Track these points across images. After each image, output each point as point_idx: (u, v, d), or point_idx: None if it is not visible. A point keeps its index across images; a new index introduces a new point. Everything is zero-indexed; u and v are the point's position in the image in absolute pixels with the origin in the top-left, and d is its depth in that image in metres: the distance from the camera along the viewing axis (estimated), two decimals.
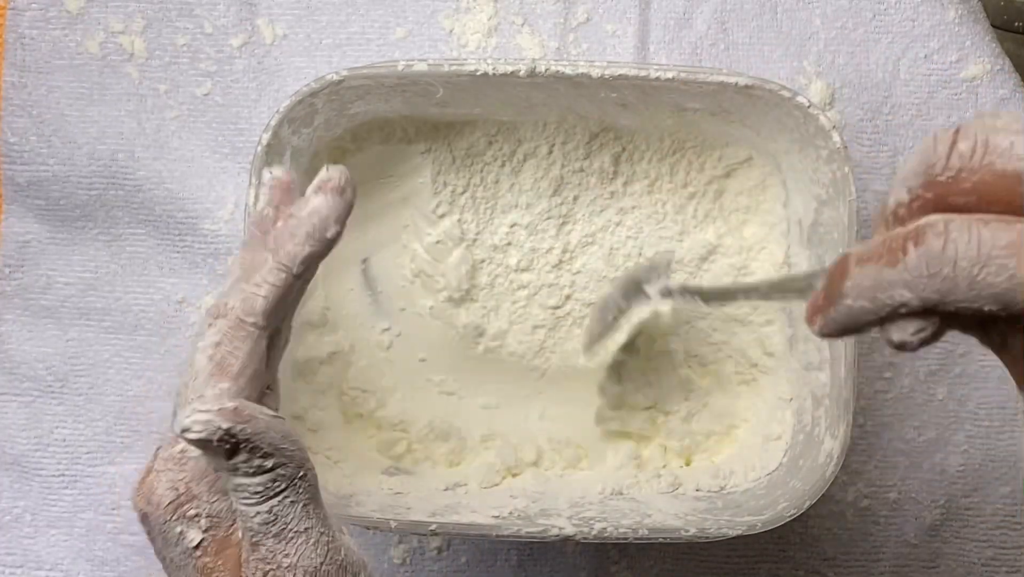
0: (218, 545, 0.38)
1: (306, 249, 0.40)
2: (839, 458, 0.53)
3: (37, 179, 0.63)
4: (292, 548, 0.37)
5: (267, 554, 0.37)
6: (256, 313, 0.40)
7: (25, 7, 0.63)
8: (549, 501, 0.57)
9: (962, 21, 0.63)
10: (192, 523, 0.38)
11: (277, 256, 0.40)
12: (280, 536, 0.37)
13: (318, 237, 0.41)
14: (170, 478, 0.38)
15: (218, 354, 0.39)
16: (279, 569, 0.37)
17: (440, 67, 0.53)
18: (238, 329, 0.39)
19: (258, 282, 0.40)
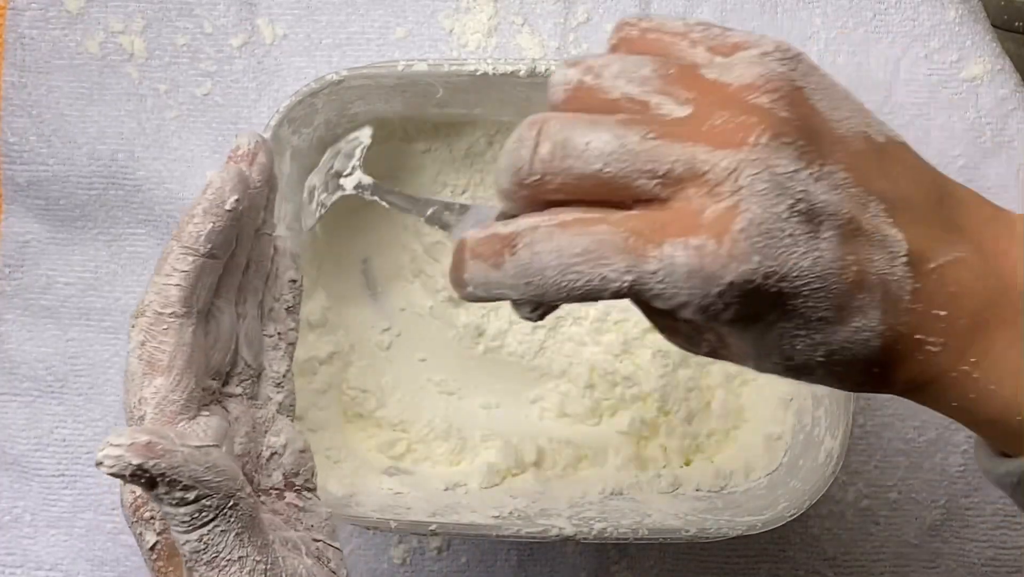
0: (169, 550, 0.38)
1: (207, 225, 0.39)
2: (839, 458, 0.53)
3: (37, 179, 0.63)
4: (225, 576, 0.37)
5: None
6: (172, 303, 0.39)
7: (25, 7, 0.63)
8: (549, 501, 0.57)
9: (962, 21, 0.63)
10: (148, 525, 0.38)
11: (180, 240, 0.39)
12: (212, 564, 0.36)
13: (216, 211, 0.39)
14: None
15: (145, 353, 0.39)
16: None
17: (440, 67, 0.53)
18: (158, 324, 0.39)
19: (168, 272, 0.39)
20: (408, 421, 0.61)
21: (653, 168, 0.30)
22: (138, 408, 0.38)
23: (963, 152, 0.63)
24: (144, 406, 0.38)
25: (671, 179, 0.30)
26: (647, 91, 0.32)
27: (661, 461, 0.60)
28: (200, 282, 0.39)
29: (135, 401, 0.38)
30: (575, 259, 0.31)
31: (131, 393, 0.38)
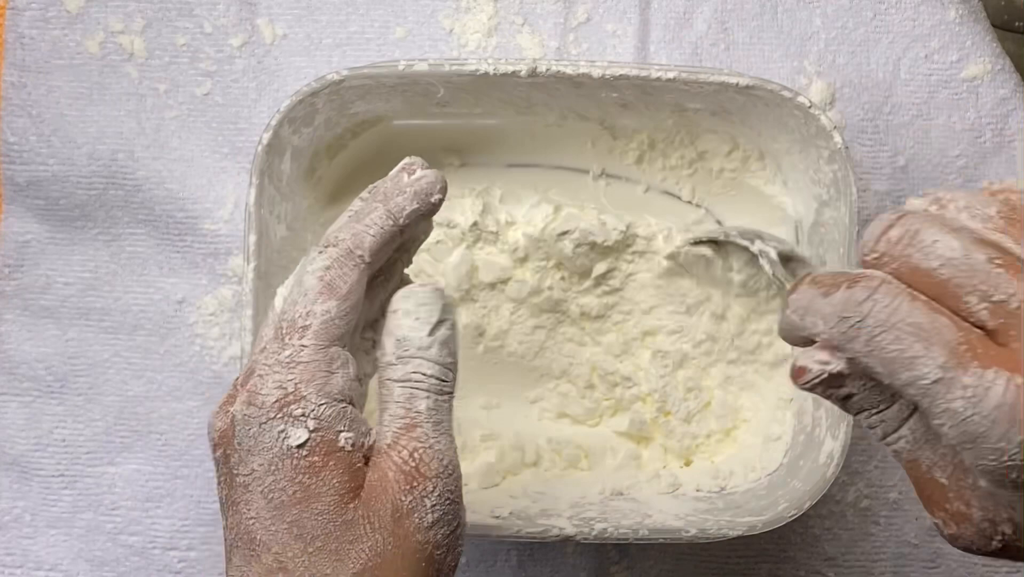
0: (327, 447, 0.39)
1: (414, 204, 0.44)
2: (839, 458, 0.53)
3: (37, 179, 0.63)
4: (445, 440, 0.41)
5: (421, 435, 0.40)
6: (364, 248, 0.42)
7: (25, 7, 0.63)
8: (549, 501, 0.57)
9: (962, 21, 0.63)
10: (298, 422, 0.39)
11: (387, 205, 0.44)
12: (437, 427, 0.40)
13: (423, 198, 0.44)
14: (277, 379, 0.40)
15: (327, 276, 0.41)
16: (430, 449, 0.40)
17: (441, 67, 0.53)
18: (347, 258, 0.42)
19: (368, 223, 0.43)
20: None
21: (988, 291, 0.31)
22: (304, 319, 0.41)
23: (963, 152, 0.63)
24: (312, 319, 0.41)
25: (1002, 310, 0.31)
26: (989, 228, 0.33)
27: (661, 461, 0.60)
28: (387, 246, 0.43)
29: (303, 312, 0.41)
30: (904, 325, 0.32)
31: (300, 305, 0.41)
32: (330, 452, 0.39)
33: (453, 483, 0.40)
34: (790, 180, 0.59)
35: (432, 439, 0.40)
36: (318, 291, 0.41)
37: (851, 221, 0.53)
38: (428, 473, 0.40)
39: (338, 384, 0.40)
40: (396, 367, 0.41)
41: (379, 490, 0.39)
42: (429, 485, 0.40)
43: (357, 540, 0.39)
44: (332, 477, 0.39)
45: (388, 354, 0.41)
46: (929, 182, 0.63)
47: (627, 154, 0.61)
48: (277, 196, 0.55)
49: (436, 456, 0.40)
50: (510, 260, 0.60)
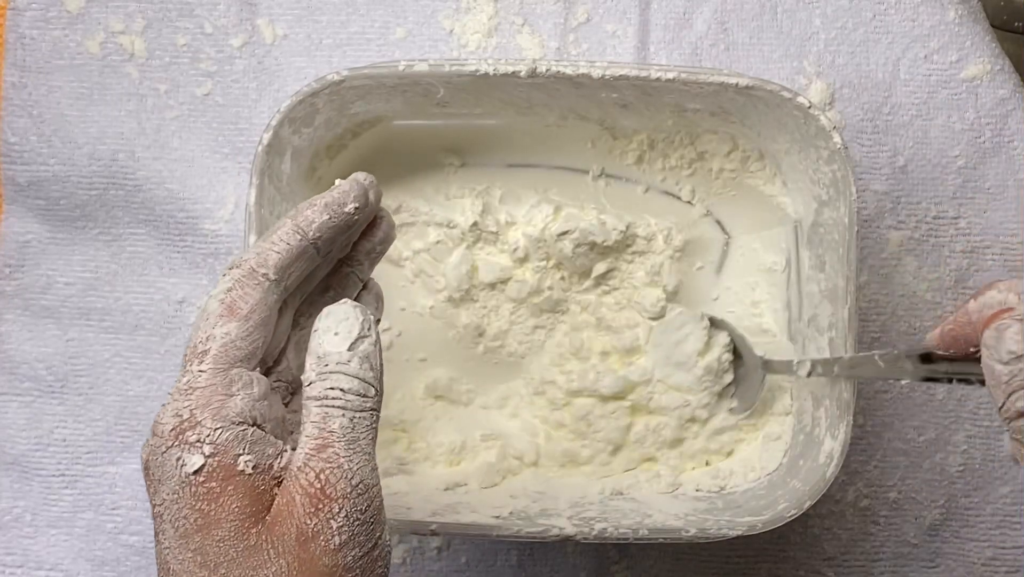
0: (224, 472, 0.38)
1: (323, 216, 0.43)
2: (839, 458, 0.53)
3: (37, 179, 0.63)
4: (359, 459, 0.39)
5: (332, 455, 0.38)
6: (268, 265, 0.42)
7: (25, 7, 0.63)
8: (549, 501, 0.57)
9: (962, 21, 0.63)
10: (193, 448, 0.38)
11: (296, 220, 0.43)
12: (351, 446, 0.39)
13: (335, 208, 0.43)
14: (175, 407, 0.39)
15: (228, 298, 0.41)
16: (339, 469, 0.38)
17: (441, 67, 0.53)
18: (249, 278, 0.42)
19: (274, 240, 0.42)
20: (408, 421, 0.61)
21: None
22: (204, 343, 0.40)
23: (962, 152, 0.63)
24: (211, 343, 0.40)
25: None
26: None
27: (661, 461, 0.60)
28: (297, 263, 0.43)
29: (203, 337, 0.40)
30: None
31: (201, 330, 0.40)
32: (228, 476, 0.38)
33: (365, 503, 0.39)
34: (789, 180, 0.59)
35: (343, 458, 0.38)
36: (218, 314, 0.41)
37: (850, 221, 0.53)
38: (334, 494, 0.38)
39: (237, 406, 0.39)
40: (315, 385, 0.39)
41: (285, 514, 0.38)
42: (335, 506, 0.38)
43: (261, 566, 0.38)
44: (232, 502, 0.38)
45: (308, 372, 0.40)
46: (928, 182, 0.63)
47: (627, 154, 0.61)
48: (277, 196, 0.55)
49: (344, 476, 0.38)
50: (510, 260, 0.60)
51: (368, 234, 0.47)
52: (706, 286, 0.62)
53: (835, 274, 0.54)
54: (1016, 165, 0.63)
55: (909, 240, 0.63)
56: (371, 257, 0.48)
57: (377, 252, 0.48)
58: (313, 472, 0.38)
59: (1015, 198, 0.63)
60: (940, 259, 0.63)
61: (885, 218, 0.63)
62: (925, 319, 0.63)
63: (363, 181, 0.45)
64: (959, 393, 0.63)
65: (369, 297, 0.49)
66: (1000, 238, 0.63)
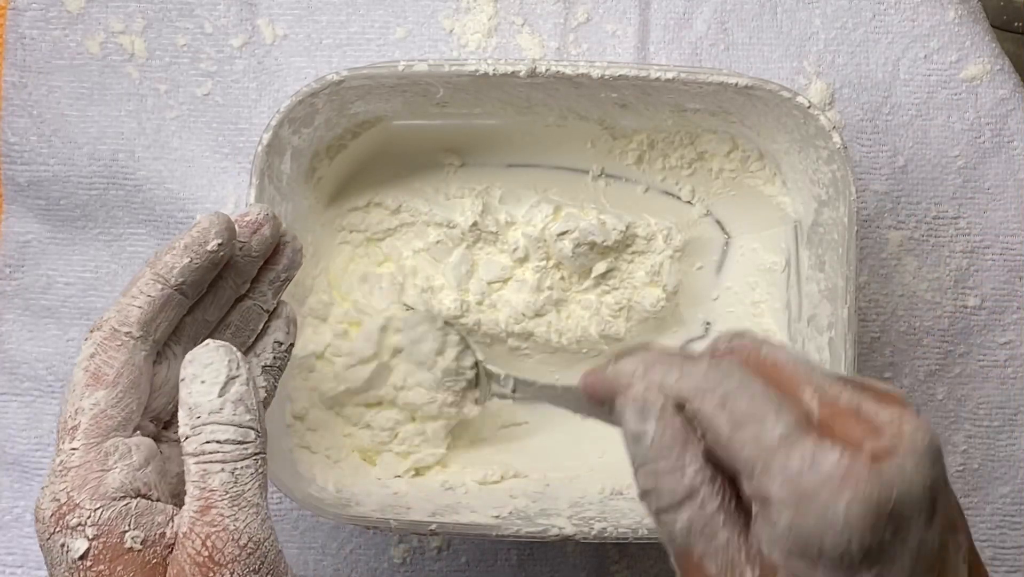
0: (111, 552, 0.37)
1: (183, 259, 0.41)
2: None
3: (37, 179, 0.63)
4: (243, 515, 0.37)
5: (216, 517, 0.37)
6: (130, 323, 0.40)
7: (25, 7, 0.63)
8: (549, 501, 0.57)
9: (962, 21, 0.63)
10: (76, 533, 0.37)
11: (154, 268, 0.41)
12: (235, 502, 0.37)
13: (196, 248, 0.41)
14: (51, 490, 0.38)
15: (92, 365, 0.39)
16: (224, 532, 0.37)
17: (440, 67, 0.53)
18: (112, 339, 0.40)
19: (134, 293, 0.40)
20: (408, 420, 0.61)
21: (822, 386, 0.34)
22: (73, 418, 0.38)
23: (962, 152, 0.63)
24: (80, 416, 0.38)
25: (831, 405, 0.34)
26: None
27: None
28: (163, 313, 0.41)
29: (71, 411, 0.38)
30: (758, 390, 0.34)
31: (69, 403, 0.39)
32: (116, 556, 0.37)
33: (258, 561, 0.37)
34: (789, 180, 0.59)
35: (227, 519, 0.37)
36: (84, 384, 0.39)
37: (850, 221, 0.53)
38: (222, 560, 0.36)
39: (116, 481, 0.38)
40: (190, 440, 0.37)
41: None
42: (225, 572, 0.36)
43: None
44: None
45: (182, 427, 0.38)
46: (928, 182, 0.63)
47: (627, 154, 0.61)
48: (277, 196, 0.55)
49: (231, 537, 0.36)
50: (510, 260, 0.60)
51: (271, 262, 0.45)
52: (706, 286, 0.62)
53: (835, 274, 0.54)
54: (1016, 165, 0.63)
55: (909, 240, 0.63)
56: (275, 286, 0.46)
57: (282, 280, 0.46)
58: (199, 539, 0.37)
59: (1015, 198, 0.63)
60: (940, 259, 0.63)
61: (885, 218, 0.63)
62: (925, 319, 0.63)
63: (250, 216, 0.43)
64: (959, 393, 0.63)
65: (279, 323, 0.47)
66: (1000, 238, 0.63)
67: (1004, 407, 0.63)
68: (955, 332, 0.63)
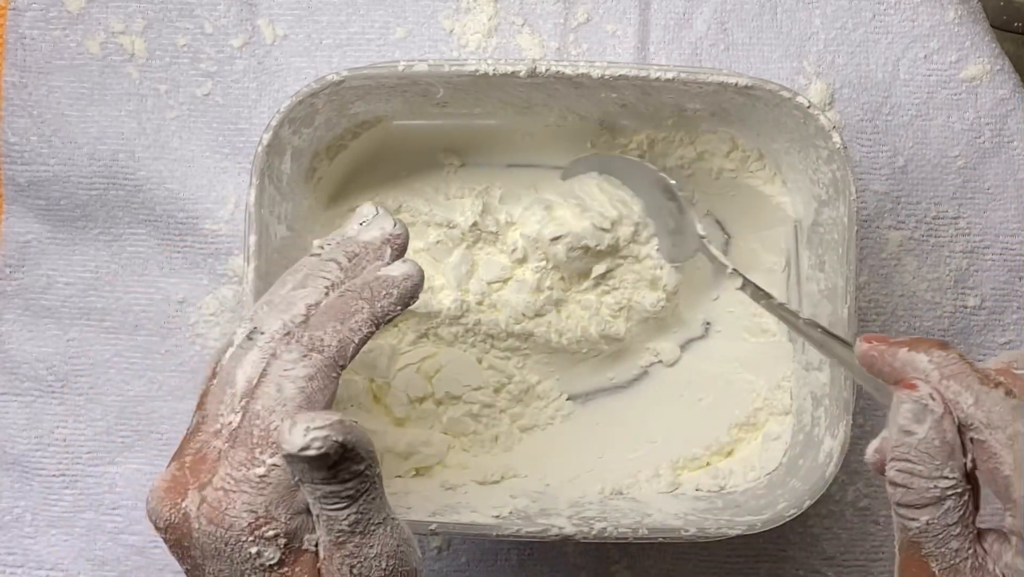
0: (295, 556, 0.39)
1: (396, 309, 0.43)
2: (839, 458, 0.53)
3: (38, 179, 0.63)
4: (375, 540, 0.39)
5: (353, 550, 0.39)
6: (346, 357, 0.41)
7: (26, 7, 0.63)
8: (549, 501, 0.57)
9: (962, 21, 0.63)
10: (270, 543, 0.39)
11: (374, 308, 0.42)
12: (364, 532, 0.39)
13: (406, 302, 0.43)
14: (247, 501, 0.39)
15: (309, 388, 0.40)
16: (366, 560, 0.39)
17: (440, 67, 0.53)
18: (331, 369, 0.40)
19: (354, 328, 0.41)
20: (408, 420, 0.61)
21: None
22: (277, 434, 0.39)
23: (962, 152, 0.63)
24: (315, 422, 0.39)
25: None
26: None
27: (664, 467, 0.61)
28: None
29: (276, 423, 0.39)
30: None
31: (276, 415, 0.39)
32: (296, 559, 0.40)
33: (400, 569, 0.40)
34: (789, 180, 0.59)
35: (367, 548, 0.39)
36: (297, 404, 0.39)
37: (850, 221, 0.53)
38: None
39: (303, 496, 0.39)
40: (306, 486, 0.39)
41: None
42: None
43: None
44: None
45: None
46: (928, 182, 0.63)
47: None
48: (277, 196, 0.55)
49: (374, 564, 0.39)
50: (510, 260, 0.60)
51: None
52: (706, 286, 0.62)
53: (835, 274, 0.54)
54: (1016, 165, 0.63)
55: (909, 240, 0.63)
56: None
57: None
58: (346, 567, 0.39)
59: (1015, 198, 0.63)
60: (940, 259, 0.63)
61: (885, 218, 0.63)
62: (925, 319, 0.63)
63: (418, 268, 0.44)
64: None
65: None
66: (1000, 238, 0.63)
67: None
68: (955, 332, 0.63)
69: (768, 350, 0.60)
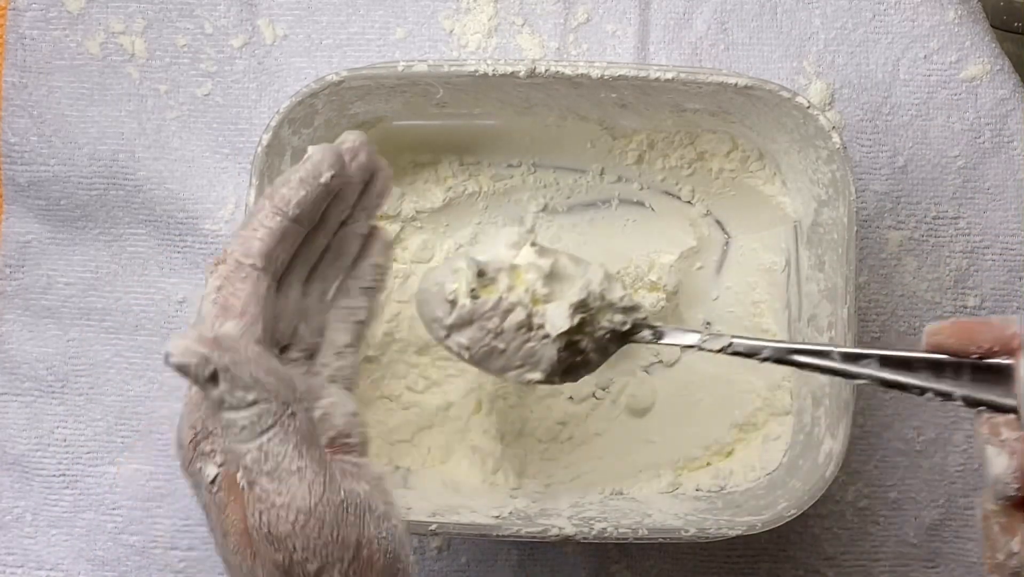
0: (229, 484, 0.39)
1: (300, 192, 0.43)
2: (839, 458, 0.53)
3: (38, 179, 0.63)
4: (284, 488, 0.38)
5: (261, 494, 0.38)
6: (253, 255, 0.41)
7: (26, 7, 0.63)
8: (549, 501, 0.57)
9: (961, 21, 0.63)
10: (208, 458, 0.39)
11: (272, 200, 0.42)
12: (272, 475, 0.38)
13: (311, 181, 0.43)
14: (190, 419, 0.40)
15: (220, 297, 0.41)
16: (273, 508, 0.38)
17: (440, 68, 0.53)
18: (237, 271, 0.41)
19: (255, 226, 0.42)
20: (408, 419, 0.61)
21: None
22: None
23: (962, 153, 0.63)
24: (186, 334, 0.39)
25: None
26: None
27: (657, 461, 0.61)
28: (282, 244, 0.42)
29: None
30: None
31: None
32: (232, 489, 0.39)
33: (315, 529, 0.38)
34: (789, 180, 0.59)
35: (274, 494, 0.38)
36: (214, 315, 0.40)
37: (850, 221, 0.53)
38: (280, 536, 0.38)
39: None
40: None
41: None
42: (286, 548, 0.38)
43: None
44: (237, 508, 0.39)
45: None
46: (928, 182, 0.63)
47: (627, 154, 0.61)
48: None
49: (279, 515, 0.38)
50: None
51: (366, 188, 0.47)
52: (706, 286, 0.62)
53: (834, 274, 0.54)
54: (1016, 165, 0.63)
55: (909, 240, 0.63)
56: (368, 211, 0.47)
57: (375, 204, 0.47)
58: (257, 515, 0.39)
59: (1015, 198, 0.63)
60: (940, 259, 0.63)
61: (885, 218, 0.63)
62: (925, 319, 0.63)
63: (348, 143, 0.44)
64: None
65: (377, 246, 0.48)
66: (1000, 238, 0.63)
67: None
68: None
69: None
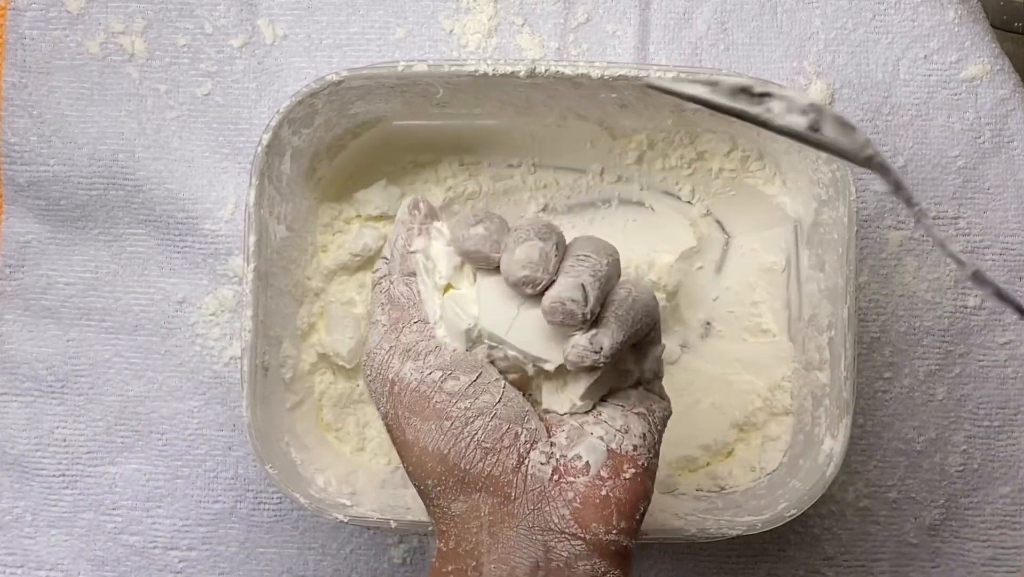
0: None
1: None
2: (839, 458, 0.53)
3: (38, 179, 0.63)
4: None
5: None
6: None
7: (26, 7, 0.63)
8: None
9: (962, 21, 0.63)
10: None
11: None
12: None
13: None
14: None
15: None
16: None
17: (440, 67, 0.53)
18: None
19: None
20: None
21: None
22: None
23: (962, 152, 0.63)
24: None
25: None
26: None
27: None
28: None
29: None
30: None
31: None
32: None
33: (368, 368, 0.46)
34: (789, 180, 0.59)
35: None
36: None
37: (850, 221, 0.53)
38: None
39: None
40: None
41: None
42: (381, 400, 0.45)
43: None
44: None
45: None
46: (928, 182, 0.63)
47: (627, 154, 0.61)
48: (277, 196, 0.55)
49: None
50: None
51: None
52: (706, 286, 0.62)
53: (835, 274, 0.54)
54: (1016, 165, 0.63)
55: (909, 240, 0.63)
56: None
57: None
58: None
59: (1015, 198, 0.63)
60: (940, 259, 0.63)
61: (885, 218, 0.63)
62: (925, 319, 0.63)
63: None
64: (959, 393, 0.63)
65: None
66: (1000, 238, 0.63)
67: (1004, 407, 0.63)
68: (955, 332, 0.63)
69: (768, 350, 0.60)
